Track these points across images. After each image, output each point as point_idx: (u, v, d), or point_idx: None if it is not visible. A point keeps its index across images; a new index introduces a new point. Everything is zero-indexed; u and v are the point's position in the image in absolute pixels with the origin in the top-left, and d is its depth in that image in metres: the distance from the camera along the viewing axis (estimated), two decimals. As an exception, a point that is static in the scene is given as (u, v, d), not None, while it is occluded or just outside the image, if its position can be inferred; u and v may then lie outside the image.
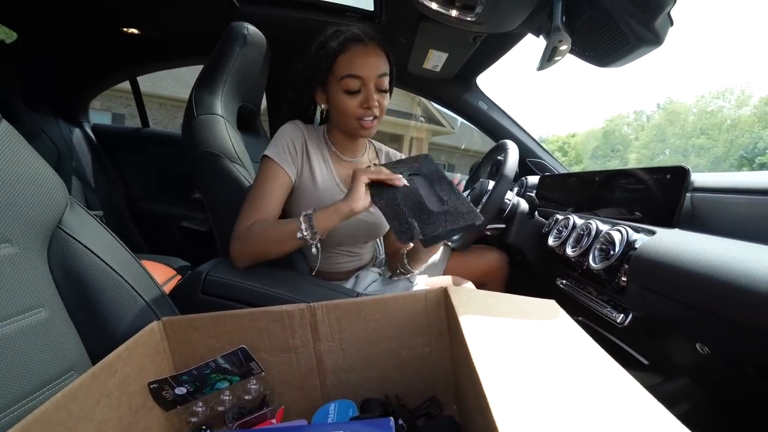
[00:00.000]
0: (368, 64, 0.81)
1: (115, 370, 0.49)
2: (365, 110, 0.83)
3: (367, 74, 0.81)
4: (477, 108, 1.65)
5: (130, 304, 0.61)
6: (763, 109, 16.17)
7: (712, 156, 15.99)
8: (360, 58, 0.81)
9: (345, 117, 0.85)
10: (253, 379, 0.60)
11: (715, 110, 17.40)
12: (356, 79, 0.81)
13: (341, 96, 0.83)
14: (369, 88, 0.82)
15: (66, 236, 0.57)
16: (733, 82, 34.20)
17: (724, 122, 16.91)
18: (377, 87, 0.84)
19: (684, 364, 0.70)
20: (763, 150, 14.39)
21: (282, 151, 0.85)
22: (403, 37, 1.28)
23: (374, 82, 0.83)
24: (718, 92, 17.77)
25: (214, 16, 1.38)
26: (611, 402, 0.34)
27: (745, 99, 16.95)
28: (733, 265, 0.51)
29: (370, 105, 0.83)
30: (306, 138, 0.90)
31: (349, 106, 0.83)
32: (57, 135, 1.71)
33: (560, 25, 0.75)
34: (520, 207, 1.20)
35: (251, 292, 0.75)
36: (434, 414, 0.59)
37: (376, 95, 0.83)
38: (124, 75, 1.92)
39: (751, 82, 19.41)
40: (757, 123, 15.78)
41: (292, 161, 0.86)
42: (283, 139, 0.87)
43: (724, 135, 16.28)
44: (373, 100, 0.83)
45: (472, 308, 0.52)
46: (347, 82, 0.81)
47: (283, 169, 0.84)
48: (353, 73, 0.81)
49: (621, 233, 0.75)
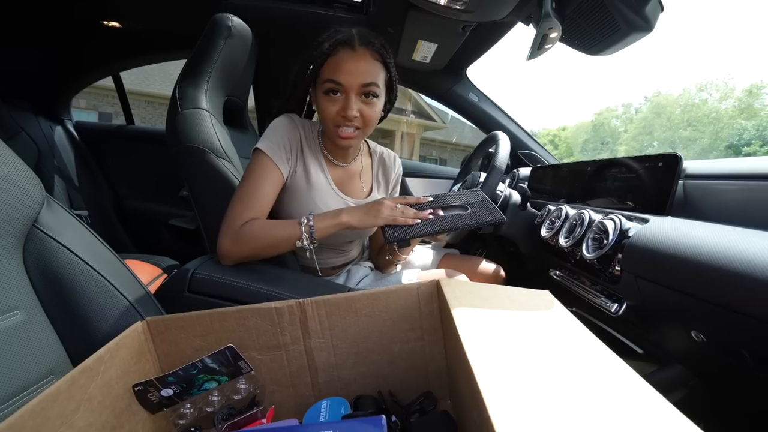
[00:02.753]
0: (352, 70, 0.77)
1: (97, 372, 0.47)
2: (342, 118, 0.79)
3: (348, 81, 0.77)
4: (467, 100, 1.64)
5: (113, 304, 0.59)
6: (746, 100, 16.45)
7: (699, 147, 16.24)
8: (345, 63, 0.77)
9: (324, 121, 0.82)
10: (243, 378, 0.59)
11: (700, 102, 17.66)
12: (336, 85, 0.77)
13: (321, 97, 0.80)
14: (349, 96, 0.78)
15: (42, 235, 0.54)
16: (717, 75, 34.72)
17: (709, 114, 17.18)
18: (362, 95, 0.79)
19: (679, 352, 0.70)
20: (748, 140, 14.65)
21: (276, 146, 0.82)
22: (392, 28, 1.26)
23: (357, 90, 0.78)
24: (702, 85, 18.07)
25: (198, 8, 1.35)
26: (607, 391, 0.33)
27: (728, 91, 17.26)
28: (728, 251, 0.50)
29: (346, 114, 0.78)
30: (302, 135, 0.87)
31: (328, 110, 0.80)
32: (37, 133, 1.66)
33: (550, 12, 0.74)
34: (512, 199, 1.19)
35: (239, 289, 0.73)
36: (429, 409, 0.58)
37: (358, 104, 0.79)
38: (106, 70, 1.87)
39: (733, 74, 19.76)
40: (739, 114, 16.06)
41: (286, 159, 0.83)
42: (277, 134, 0.83)
43: (710, 126, 16.55)
44: (351, 109, 0.78)
45: (465, 300, 0.51)
46: (327, 85, 0.78)
47: (277, 166, 0.81)
48: (333, 78, 0.77)
49: (614, 222, 0.74)
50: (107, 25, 1.56)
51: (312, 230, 0.74)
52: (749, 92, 16.44)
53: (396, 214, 0.76)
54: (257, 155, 0.81)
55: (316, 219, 0.75)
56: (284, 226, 0.76)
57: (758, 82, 17.16)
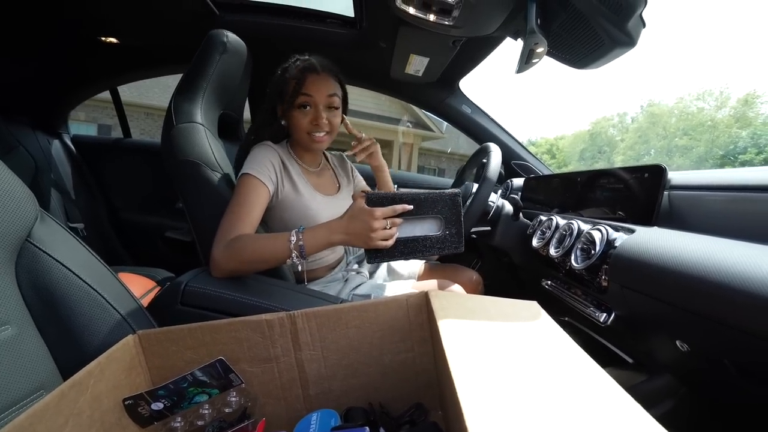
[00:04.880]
0: (320, 87, 0.95)
1: (86, 387, 0.47)
2: (314, 126, 0.96)
3: (316, 94, 0.95)
4: (461, 112, 1.66)
5: (104, 318, 0.59)
6: (741, 109, 16.61)
7: (695, 156, 16.33)
8: (314, 83, 0.94)
9: (298, 131, 0.98)
10: (233, 391, 0.59)
11: (696, 111, 17.82)
12: (307, 97, 0.94)
13: (294, 111, 0.96)
14: (318, 107, 0.95)
15: (35, 250, 0.55)
16: (713, 85, 35.08)
17: (705, 123, 17.32)
18: (327, 105, 0.97)
19: (666, 361, 0.71)
20: (744, 149, 14.74)
21: (262, 167, 0.91)
22: (384, 42, 1.28)
23: (324, 101, 0.96)
24: (698, 94, 18.22)
25: (194, 25, 1.37)
26: (586, 402, 0.33)
27: (724, 100, 17.41)
28: (709, 261, 0.51)
29: (318, 122, 0.96)
30: (281, 154, 0.99)
31: (301, 121, 0.96)
32: (35, 147, 1.67)
33: (535, 28, 0.75)
34: (504, 209, 1.20)
35: (231, 301, 0.73)
36: (419, 420, 0.58)
37: (325, 113, 0.96)
38: (103, 85, 1.89)
39: (729, 84, 19.93)
40: (735, 123, 16.20)
41: (269, 179, 0.91)
42: (261, 159, 0.93)
43: (706, 135, 16.67)
44: (322, 118, 0.96)
45: (452, 312, 0.51)
46: (300, 98, 0.94)
47: (264, 185, 0.89)
48: (306, 92, 0.94)
49: (601, 232, 0.75)
50: (105, 41, 1.58)
51: (302, 249, 0.75)
52: (745, 101, 16.59)
53: (382, 237, 0.73)
54: (245, 178, 0.88)
55: (306, 237, 0.76)
56: (273, 241, 0.77)
57: (753, 91, 17.37)
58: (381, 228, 0.72)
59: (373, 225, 0.71)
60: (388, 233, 0.73)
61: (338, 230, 0.76)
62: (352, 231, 0.74)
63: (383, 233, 0.73)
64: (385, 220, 0.72)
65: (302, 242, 0.75)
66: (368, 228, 0.72)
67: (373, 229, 0.71)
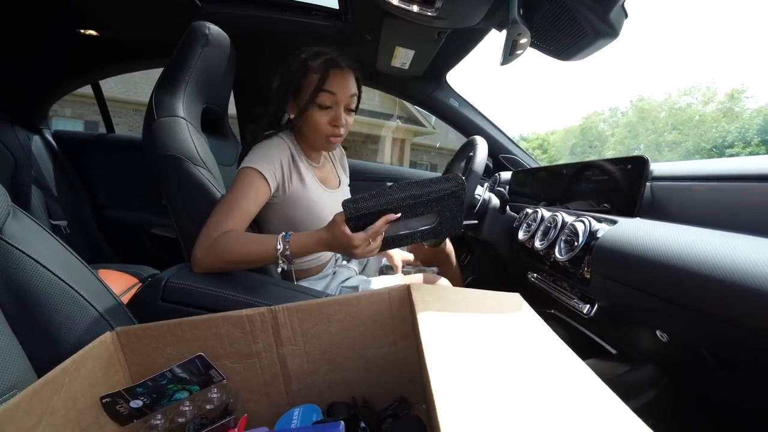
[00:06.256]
0: (343, 84, 0.88)
1: (61, 385, 0.46)
2: (333, 127, 0.91)
3: (340, 93, 0.88)
4: (448, 105, 1.66)
5: (81, 315, 0.58)
6: (727, 104, 16.86)
7: (684, 150, 16.54)
8: (337, 79, 0.88)
9: (315, 131, 0.91)
10: (214, 387, 0.58)
11: (684, 106, 18.04)
12: (330, 95, 0.87)
13: (314, 110, 0.89)
14: (340, 107, 0.89)
15: (6, 245, 0.54)
16: (700, 80, 35.49)
17: (693, 118, 17.55)
18: (347, 107, 0.91)
19: (648, 352, 0.71)
20: (731, 143, 14.97)
21: (268, 164, 0.86)
22: (369, 35, 1.27)
23: (346, 101, 0.90)
24: (686, 89, 18.45)
25: (176, 17, 1.34)
26: (562, 394, 0.33)
27: (711, 95, 17.65)
28: (687, 252, 0.51)
29: (338, 123, 0.90)
30: (291, 150, 0.94)
31: (321, 120, 0.89)
32: (14, 143, 1.63)
33: (517, 18, 0.75)
34: (491, 202, 1.21)
35: (212, 297, 0.73)
36: (402, 414, 0.58)
37: (344, 114, 0.91)
38: (85, 79, 1.85)
39: (715, 79, 20.27)
40: (722, 118, 16.44)
41: (273, 176, 0.87)
42: (269, 154, 0.88)
43: (694, 130, 16.90)
44: (342, 119, 0.90)
45: (433, 305, 0.51)
46: (322, 96, 0.87)
47: (266, 180, 0.84)
48: (328, 88, 0.87)
49: (584, 224, 0.75)
50: (84, 34, 1.54)
51: (289, 257, 0.73)
52: (731, 96, 16.85)
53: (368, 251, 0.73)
54: (250, 172, 0.83)
55: (293, 244, 0.74)
56: (259, 245, 0.75)
57: (739, 86, 17.66)
58: (365, 244, 0.71)
59: (354, 244, 0.70)
60: (373, 246, 0.72)
61: (323, 243, 0.74)
62: (336, 246, 0.73)
63: (368, 248, 0.71)
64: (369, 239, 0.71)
65: (288, 251, 0.73)
66: (351, 246, 0.70)
67: (356, 246, 0.70)
